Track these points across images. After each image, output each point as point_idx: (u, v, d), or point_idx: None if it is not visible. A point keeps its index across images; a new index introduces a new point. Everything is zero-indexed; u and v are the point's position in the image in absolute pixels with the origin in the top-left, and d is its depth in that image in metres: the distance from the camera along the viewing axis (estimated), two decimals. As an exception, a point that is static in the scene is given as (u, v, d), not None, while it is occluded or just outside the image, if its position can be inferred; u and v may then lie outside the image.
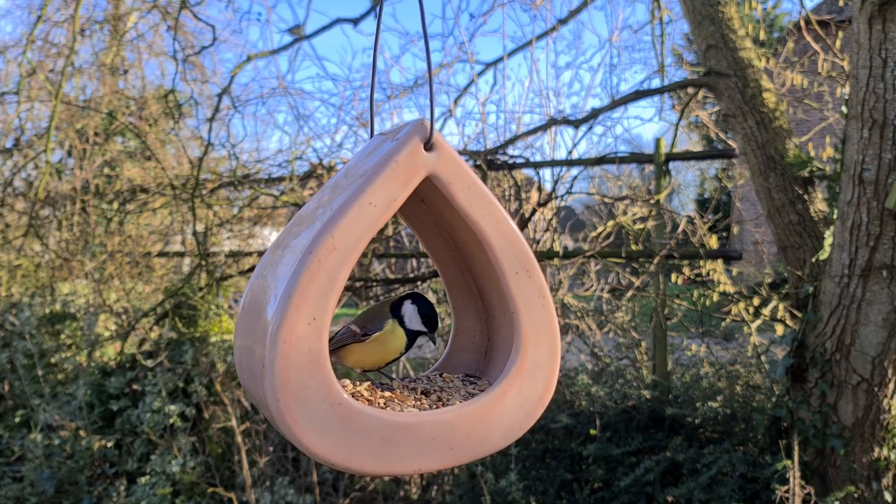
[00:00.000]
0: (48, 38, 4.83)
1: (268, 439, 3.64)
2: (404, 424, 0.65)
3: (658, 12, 4.00)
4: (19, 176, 4.96)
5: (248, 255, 4.31)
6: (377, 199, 0.66)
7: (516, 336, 0.72)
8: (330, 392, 0.63)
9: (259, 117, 7.89)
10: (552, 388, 0.73)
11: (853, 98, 2.37)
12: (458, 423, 0.67)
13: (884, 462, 2.55)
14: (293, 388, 0.61)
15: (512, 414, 0.70)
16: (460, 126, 7.03)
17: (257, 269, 0.75)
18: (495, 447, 0.70)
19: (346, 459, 0.63)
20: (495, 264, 0.72)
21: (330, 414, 0.63)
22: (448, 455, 0.66)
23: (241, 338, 0.70)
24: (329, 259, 0.63)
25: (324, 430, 0.62)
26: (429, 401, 0.71)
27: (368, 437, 0.64)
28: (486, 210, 0.71)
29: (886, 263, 2.35)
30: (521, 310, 0.72)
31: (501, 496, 3.12)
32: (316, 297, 0.63)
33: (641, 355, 3.91)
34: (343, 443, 0.63)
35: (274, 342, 0.61)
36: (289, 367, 0.61)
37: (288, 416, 0.61)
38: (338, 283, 0.64)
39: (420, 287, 3.98)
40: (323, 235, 0.63)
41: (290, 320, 0.62)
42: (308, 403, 0.62)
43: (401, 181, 0.67)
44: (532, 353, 0.72)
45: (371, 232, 0.66)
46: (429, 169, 0.69)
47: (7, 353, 4.00)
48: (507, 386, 0.71)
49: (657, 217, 3.68)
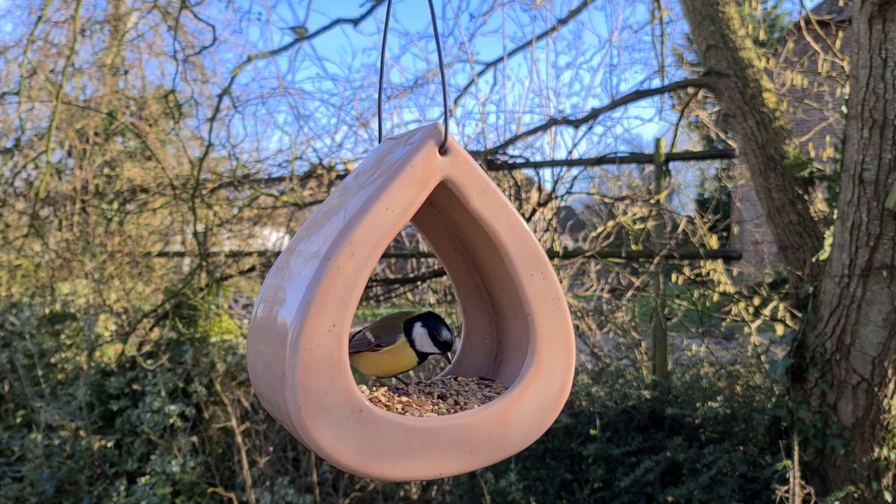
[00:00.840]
0: (48, 39, 4.83)
1: (268, 439, 3.65)
2: (424, 429, 0.65)
3: (658, 12, 4.00)
4: (20, 176, 4.95)
5: (248, 255, 4.31)
6: (394, 204, 0.66)
7: (532, 338, 0.72)
8: (351, 399, 0.63)
9: (259, 117, 7.88)
10: (568, 389, 0.73)
11: (853, 98, 2.37)
12: (476, 426, 0.67)
13: (884, 462, 2.56)
14: (314, 395, 0.61)
15: (529, 416, 0.71)
16: (460, 126, 7.03)
17: (269, 277, 0.74)
18: (514, 449, 0.70)
19: (368, 466, 0.63)
20: (510, 267, 0.72)
21: (351, 420, 0.63)
22: (468, 459, 0.67)
23: (257, 347, 0.70)
24: (348, 265, 0.63)
25: (346, 437, 0.62)
26: (446, 405, 0.72)
27: (389, 443, 0.64)
28: (500, 213, 0.71)
29: (886, 263, 2.36)
30: (537, 312, 0.72)
31: (501, 496, 3.12)
32: (335, 303, 0.63)
33: (641, 355, 3.91)
34: (364, 449, 0.63)
35: (294, 350, 0.61)
36: (309, 374, 0.61)
37: (309, 423, 0.61)
38: (356, 290, 0.64)
39: (420, 287, 3.98)
40: (341, 242, 0.63)
41: (309, 327, 0.61)
42: (329, 410, 0.62)
43: (417, 186, 0.67)
44: (548, 355, 0.72)
45: (388, 237, 0.65)
46: (444, 173, 0.69)
47: (7, 353, 4.00)
48: (523, 388, 0.71)
49: (657, 217, 3.69)
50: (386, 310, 5.19)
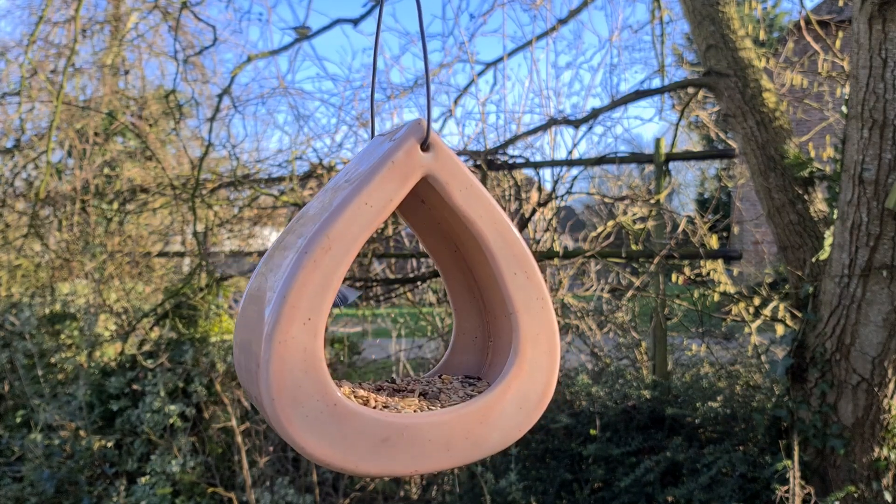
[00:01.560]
0: (49, 39, 4.84)
1: (268, 439, 3.64)
2: (401, 425, 0.65)
3: (658, 12, 4.00)
4: (20, 176, 4.96)
5: (248, 255, 4.31)
6: (373, 199, 0.66)
7: (515, 337, 0.72)
8: (325, 392, 0.63)
9: (259, 117, 7.91)
10: (551, 389, 0.72)
11: (853, 98, 2.37)
12: (455, 424, 0.67)
13: (884, 462, 2.55)
14: (288, 388, 0.61)
15: (511, 415, 0.70)
16: (460, 126, 7.05)
17: (257, 269, 0.74)
18: (493, 449, 0.69)
19: (342, 460, 0.63)
20: (493, 265, 0.71)
21: (325, 414, 0.62)
22: (445, 457, 0.66)
23: (240, 337, 0.71)
24: (324, 259, 0.63)
25: (319, 431, 0.62)
26: (427, 402, 0.71)
27: (364, 438, 0.63)
28: (483, 210, 0.71)
29: (886, 263, 2.35)
30: (520, 311, 0.71)
31: (501, 496, 3.12)
32: (311, 297, 0.62)
33: (641, 355, 3.91)
34: (339, 443, 0.63)
35: (269, 342, 0.61)
36: (283, 367, 0.61)
37: (283, 415, 0.61)
38: (333, 284, 0.64)
39: (420, 287, 3.98)
40: (318, 236, 0.63)
41: (284, 320, 0.62)
42: (303, 403, 0.62)
43: (397, 181, 0.67)
44: (531, 354, 0.71)
45: (367, 232, 0.65)
46: (425, 169, 0.69)
47: (7, 353, 4.00)
48: (505, 387, 0.70)
49: (657, 217, 3.68)
50: (386, 310, 5.19)
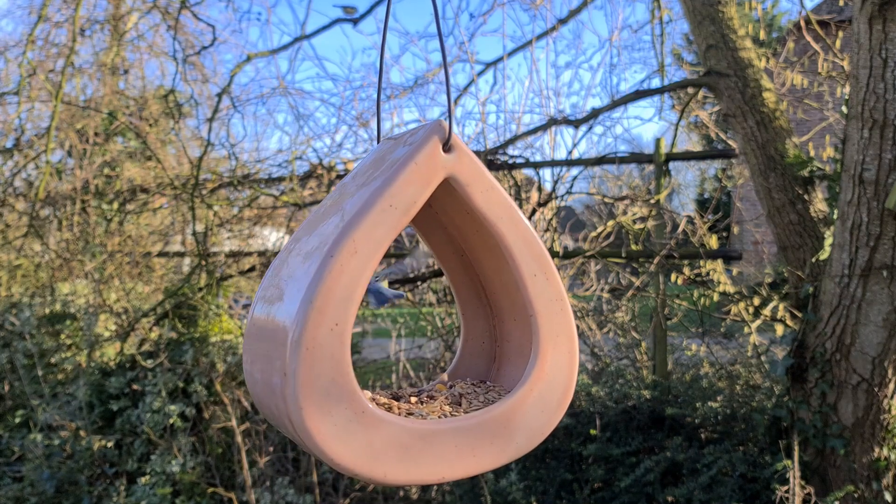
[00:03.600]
0: (49, 39, 4.83)
1: (268, 439, 3.64)
2: (427, 432, 0.64)
3: (658, 12, 4.00)
4: (20, 176, 4.95)
5: (248, 255, 4.31)
6: (397, 201, 0.65)
7: (535, 340, 0.71)
8: (353, 401, 0.62)
9: (259, 117, 7.90)
10: (571, 390, 0.72)
11: (853, 98, 2.38)
12: (480, 429, 0.66)
13: (884, 462, 2.56)
14: (316, 396, 0.60)
15: (533, 418, 0.70)
16: (460, 126, 7.04)
17: (266, 278, 0.72)
18: (519, 452, 0.69)
19: (370, 469, 0.62)
20: (513, 267, 0.71)
21: (353, 423, 0.61)
22: (472, 462, 0.66)
23: (254, 348, 0.68)
24: (351, 263, 0.62)
25: (347, 440, 0.61)
26: (450, 408, 0.70)
27: (392, 446, 0.62)
28: (504, 212, 0.70)
29: (886, 263, 2.36)
30: (540, 313, 0.71)
31: (501, 496, 3.12)
32: (338, 302, 0.61)
33: (641, 355, 3.91)
34: (367, 452, 0.61)
35: (295, 350, 0.59)
36: (311, 374, 0.60)
37: (311, 425, 0.59)
38: (360, 288, 0.63)
39: (420, 287, 3.98)
40: (344, 239, 0.62)
41: (311, 326, 0.60)
42: (331, 412, 0.60)
43: (420, 183, 0.66)
44: (551, 356, 0.71)
45: (392, 235, 0.64)
46: (447, 170, 0.68)
47: (7, 353, 3.99)
48: (527, 390, 0.70)
49: (657, 217, 3.69)
50: (386, 310, 5.19)
